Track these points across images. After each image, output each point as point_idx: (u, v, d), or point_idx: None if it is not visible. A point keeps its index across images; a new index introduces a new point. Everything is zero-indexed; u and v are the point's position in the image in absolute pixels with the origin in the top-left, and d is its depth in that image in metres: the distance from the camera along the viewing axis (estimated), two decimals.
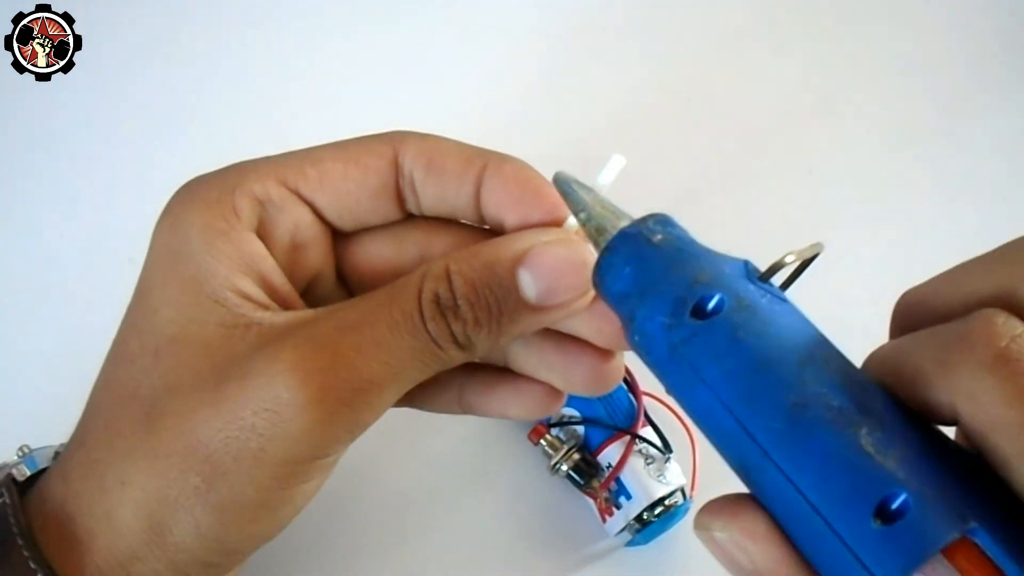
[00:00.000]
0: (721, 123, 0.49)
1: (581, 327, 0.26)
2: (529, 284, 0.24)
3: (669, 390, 0.20)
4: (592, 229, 0.23)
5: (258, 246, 0.26)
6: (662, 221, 0.22)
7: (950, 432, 0.18)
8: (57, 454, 0.28)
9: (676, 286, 0.20)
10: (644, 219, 0.22)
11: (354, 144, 0.27)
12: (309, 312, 0.26)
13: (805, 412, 0.17)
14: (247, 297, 0.25)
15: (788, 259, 0.20)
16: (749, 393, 0.18)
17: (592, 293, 0.25)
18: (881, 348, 0.20)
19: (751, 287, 0.20)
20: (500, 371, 0.29)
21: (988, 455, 0.16)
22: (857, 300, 0.21)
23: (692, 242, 0.21)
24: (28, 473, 0.27)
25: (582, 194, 0.24)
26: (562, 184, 0.24)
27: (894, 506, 0.16)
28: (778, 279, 0.20)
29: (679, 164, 0.46)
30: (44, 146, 0.47)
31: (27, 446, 0.28)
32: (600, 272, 0.22)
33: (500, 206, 0.26)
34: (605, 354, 0.27)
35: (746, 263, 0.20)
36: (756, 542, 0.18)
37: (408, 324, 0.24)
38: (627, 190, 0.23)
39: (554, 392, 0.28)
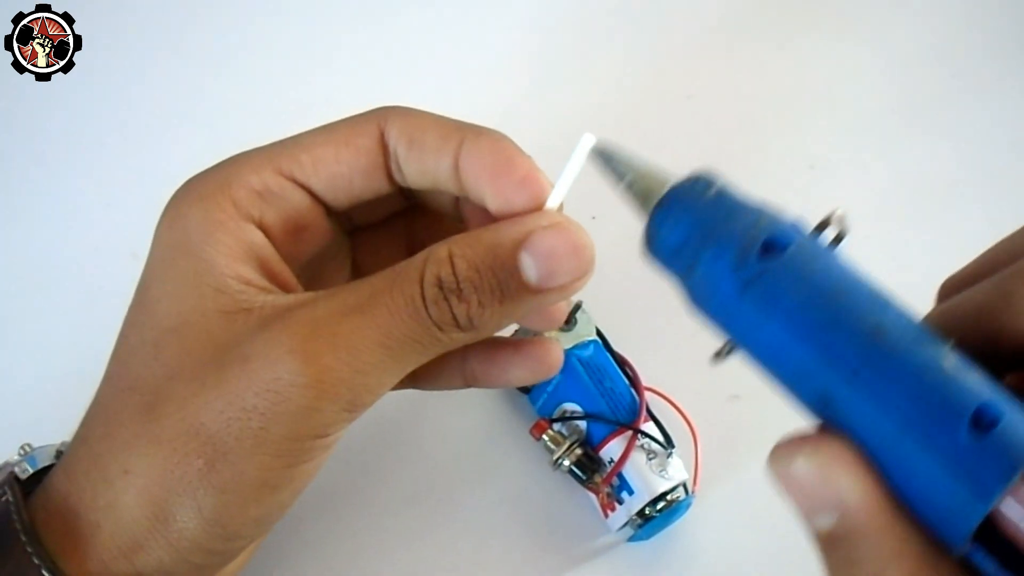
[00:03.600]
0: (722, 117, 0.49)
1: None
2: (530, 267, 0.25)
3: (734, 335, 0.21)
4: (638, 192, 0.24)
5: (257, 235, 0.27)
6: (711, 177, 0.22)
7: None
8: (59, 452, 0.28)
9: (740, 229, 0.20)
10: (694, 176, 0.23)
11: (342, 125, 0.28)
12: (310, 294, 0.26)
13: (887, 335, 0.18)
14: (249, 283, 0.26)
15: (838, 213, 0.21)
16: (830, 319, 0.19)
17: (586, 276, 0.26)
18: (936, 307, 0.20)
19: (807, 235, 0.20)
20: (499, 339, 0.30)
21: None
22: None
23: (744, 195, 0.22)
24: (30, 471, 0.27)
25: (624, 159, 0.24)
26: (602, 152, 0.25)
27: (987, 417, 0.16)
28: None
29: (679, 159, 0.46)
30: (44, 146, 0.47)
31: (28, 444, 0.28)
32: (655, 227, 0.22)
33: (477, 177, 0.27)
34: None
35: (796, 220, 0.21)
36: (846, 470, 0.17)
37: (409, 307, 0.25)
38: None
39: (553, 349, 0.30)
